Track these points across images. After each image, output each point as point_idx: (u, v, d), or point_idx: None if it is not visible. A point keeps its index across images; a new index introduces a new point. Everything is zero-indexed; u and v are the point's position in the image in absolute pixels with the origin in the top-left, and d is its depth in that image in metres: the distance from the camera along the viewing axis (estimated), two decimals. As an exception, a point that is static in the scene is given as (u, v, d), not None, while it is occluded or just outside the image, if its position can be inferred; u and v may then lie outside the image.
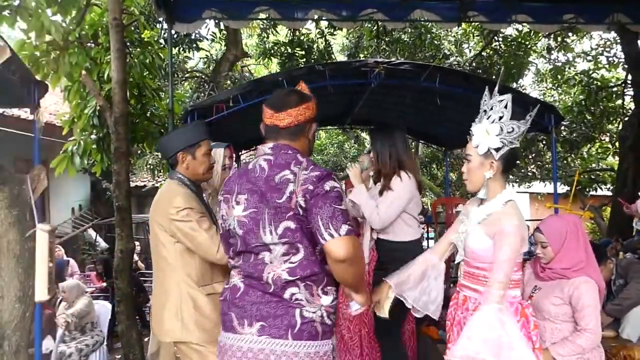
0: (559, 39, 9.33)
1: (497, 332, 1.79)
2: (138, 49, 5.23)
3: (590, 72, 9.30)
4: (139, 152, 7.56)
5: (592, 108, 9.12)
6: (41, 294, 2.13)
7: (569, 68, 10.40)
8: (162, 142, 2.46)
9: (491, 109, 2.00)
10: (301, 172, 1.66)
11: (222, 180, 2.69)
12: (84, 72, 4.10)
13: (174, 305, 2.18)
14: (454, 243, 2.18)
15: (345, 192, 3.82)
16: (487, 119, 1.99)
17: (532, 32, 9.11)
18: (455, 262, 2.17)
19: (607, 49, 9.54)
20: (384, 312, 2.19)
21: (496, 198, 1.99)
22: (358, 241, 2.02)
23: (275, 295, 1.66)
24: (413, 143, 11.30)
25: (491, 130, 1.94)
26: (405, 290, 2.12)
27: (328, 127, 9.38)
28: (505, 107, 1.96)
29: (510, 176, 11.23)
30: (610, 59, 9.50)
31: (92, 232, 9.81)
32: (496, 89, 2.02)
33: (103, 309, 4.81)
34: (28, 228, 2.20)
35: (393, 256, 2.90)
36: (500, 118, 1.96)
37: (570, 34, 8.93)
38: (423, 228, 8.89)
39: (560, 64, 10.52)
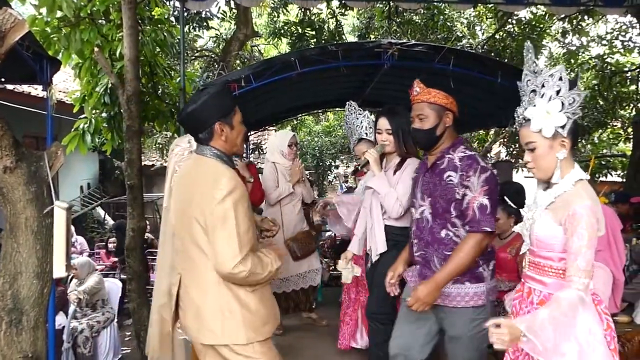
0: (574, 22, 9.17)
1: (564, 317, 1.61)
2: (149, 27, 5.17)
3: (605, 57, 9.16)
4: (149, 131, 7.56)
5: (606, 93, 9.01)
6: (59, 270, 2.14)
7: (583, 52, 10.24)
8: (192, 113, 1.97)
9: (542, 86, 1.80)
10: None
11: None
12: (96, 49, 4.06)
13: (217, 303, 1.95)
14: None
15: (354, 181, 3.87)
16: (542, 97, 1.79)
17: (547, 14, 8.96)
18: (521, 252, 2.05)
19: (623, 34, 9.39)
20: None
21: (564, 178, 1.79)
22: None
23: None
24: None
25: (552, 108, 1.76)
26: None
27: (337, 109, 9.32)
28: (561, 79, 1.78)
29: (520, 160, 11.18)
30: (625, 43, 9.36)
31: (100, 211, 9.88)
32: (535, 65, 1.85)
33: (113, 286, 4.86)
34: (45, 205, 2.20)
35: (393, 241, 2.86)
36: (558, 92, 1.77)
37: (585, 17, 8.77)
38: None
39: (574, 48, 10.37)
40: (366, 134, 3.63)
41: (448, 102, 2.25)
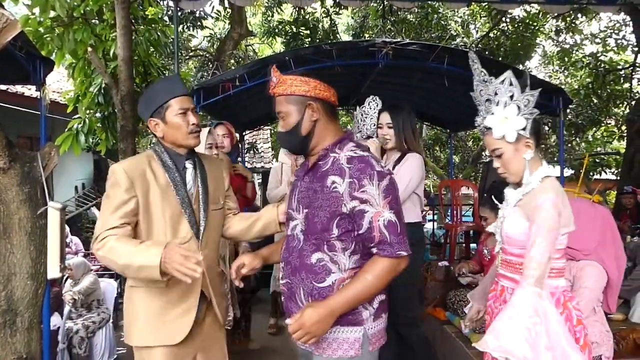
0: (568, 20, 9.21)
1: (531, 321, 1.60)
2: (142, 26, 5.16)
3: (598, 55, 9.20)
4: (143, 131, 7.54)
5: (599, 91, 9.05)
6: (53, 271, 2.14)
7: (577, 50, 10.29)
8: (138, 109, 2.03)
9: (495, 94, 1.85)
10: None
11: None
12: (89, 49, 4.05)
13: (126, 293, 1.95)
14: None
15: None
16: (497, 105, 1.84)
17: (540, 13, 9.00)
18: (495, 251, 2.03)
19: (616, 32, 9.44)
20: None
21: (532, 176, 1.83)
22: None
23: None
24: (417, 124, 11.26)
25: (509, 113, 1.81)
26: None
27: (332, 108, 9.31)
28: (511, 84, 1.81)
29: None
30: (619, 41, 9.40)
31: (95, 211, 9.84)
32: (484, 74, 1.89)
33: (109, 286, 4.84)
34: (39, 206, 2.19)
35: None
36: (512, 97, 1.81)
37: (579, 15, 8.81)
38: (425, 210, 8.91)
39: (567, 46, 10.41)
40: (376, 135, 3.57)
41: (310, 89, 1.68)
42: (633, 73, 8.89)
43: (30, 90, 7.06)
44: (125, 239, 1.74)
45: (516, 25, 9.40)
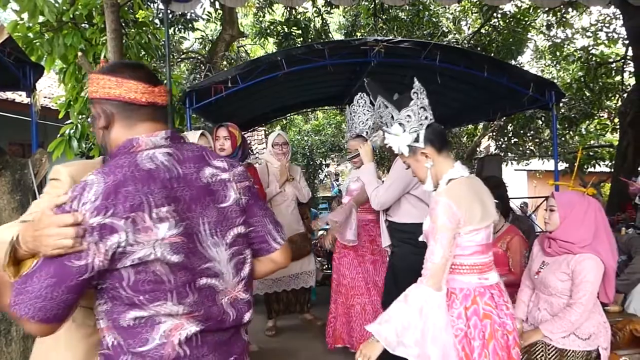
0: (559, 14, 9.24)
1: (411, 317, 1.74)
2: (133, 30, 5.13)
3: (590, 48, 9.25)
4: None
5: (591, 84, 9.09)
6: (47, 279, 2.11)
7: (568, 44, 10.33)
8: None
9: (381, 118, 2.02)
10: (230, 167, 1.33)
11: None
12: (80, 53, 4.02)
13: None
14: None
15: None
16: (388, 127, 2.01)
17: (531, 8, 9.03)
18: None
19: (607, 25, 9.48)
20: None
21: (442, 179, 1.93)
22: None
23: (236, 325, 1.37)
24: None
25: (396, 131, 1.96)
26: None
27: (325, 107, 9.30)
28: (386, 107, 1.99)
29: (509, 154, 11.23)
30: (609, 34, 9.44)
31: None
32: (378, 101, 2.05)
33: (105, 292, 4.82)
34: (31, 213, 2.17)
35: (400, 237, 2.89)
36: (393, 117, 1.97)
37: (569, 9, 8.84)
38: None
39: (559, 40, 10.45)
40: (367, 132, 3.51)
41: (97, 88, 1.29)
42: (624, 66, 8.92)
43: (20, 97, 7.02)
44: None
45: (507, 21, 9.43)
